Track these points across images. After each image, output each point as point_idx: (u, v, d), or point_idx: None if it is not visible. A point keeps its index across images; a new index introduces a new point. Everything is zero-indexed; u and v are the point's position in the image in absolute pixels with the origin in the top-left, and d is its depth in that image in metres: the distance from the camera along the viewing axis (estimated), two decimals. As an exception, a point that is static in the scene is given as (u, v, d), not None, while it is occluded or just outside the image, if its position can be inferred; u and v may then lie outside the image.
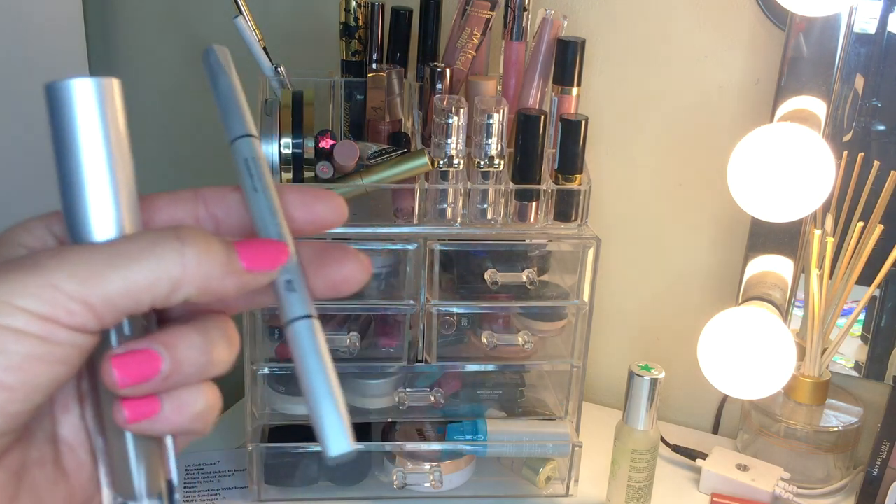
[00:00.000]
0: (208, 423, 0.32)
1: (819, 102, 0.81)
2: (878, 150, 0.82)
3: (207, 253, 0.28)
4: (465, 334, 0.82)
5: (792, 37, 0.81)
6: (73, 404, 0.31)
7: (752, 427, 0.88)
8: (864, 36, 0.80)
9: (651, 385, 0.76)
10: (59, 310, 0.26)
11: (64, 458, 0.31)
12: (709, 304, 0.92)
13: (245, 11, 0.79)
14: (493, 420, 0.82)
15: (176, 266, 0.27)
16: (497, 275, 0.77)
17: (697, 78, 0.89)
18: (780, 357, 0.79)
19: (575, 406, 0.83)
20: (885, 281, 0.82)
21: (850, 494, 0.86)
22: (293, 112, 0.75)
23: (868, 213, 0.81)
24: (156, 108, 1.21)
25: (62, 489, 0.31)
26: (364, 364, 0.80)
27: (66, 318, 0.26)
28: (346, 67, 0.84)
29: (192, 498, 0.82)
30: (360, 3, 0.82)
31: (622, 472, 0.79)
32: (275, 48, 0.82)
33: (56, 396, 0.31)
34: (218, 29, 1.11)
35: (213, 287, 0.28)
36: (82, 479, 0.32)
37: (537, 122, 0.74)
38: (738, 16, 0.86)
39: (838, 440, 0.84)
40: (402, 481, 0.81)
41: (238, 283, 0.29)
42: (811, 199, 0.74)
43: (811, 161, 0.73)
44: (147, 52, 1.18)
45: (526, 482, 0.85)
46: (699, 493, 0.85)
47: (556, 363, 0.83)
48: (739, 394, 0.83)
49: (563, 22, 0.79)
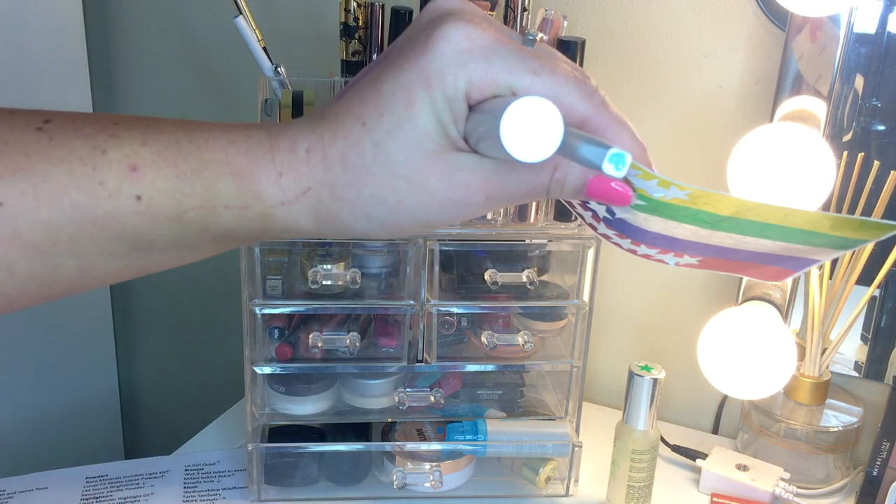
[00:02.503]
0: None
1: (819, 102, 0.81)
2: (878, 150, 0.82)
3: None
4: (465, 334, 0.82)
5: (792, 37, 0.81)
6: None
7: (752, 427, 0.88)
8: (864, 36, 0.80)
9: (651, 385, 0.76)
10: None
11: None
12: (709, 304, 0.92)
13: (245, 11, 0.79)
14: (493, 420, 0.82)
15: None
16: (497, 275, 0.77)
17: (697, 78, 0.89)
18: (780, 357, 0.79)
19: (575, 406, 0.83)
20: (885, 281, 0.82)
21: (850, 494, 0.86)
22: (293, 112, 0.75)
23: (868, 213, 0.81)
24: (155, 109, 1.21)
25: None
26: (364, 364, 0.80)
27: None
28: (346, 67, 0.84)
29: (192, 498, 0.82)
30: (360, 3, 0.82)
31: (622, 472, 0.79)
32: (275, 48, 0.82)
33: None
34: (218, 29, 1.11)
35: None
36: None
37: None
38: (738, 16, 0.86)
39: (838, 440, 0.84)
40: (402, 481, 0.81)
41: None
42: (811, 199, 0.74)
43: (811, 161, 0.73)
44: (147, 52, 1.18)
45: (526, 482, 0.85)
46: (699, 493, 0.85)
47: (556, 363, 0.83)
48: (739, 394, 0.83)
49: (563, 22, 0.79)
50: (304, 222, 0.39)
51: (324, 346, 0.77)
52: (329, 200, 0.38)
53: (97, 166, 0.37)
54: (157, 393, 1.37)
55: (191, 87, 1.16)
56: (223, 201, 0.38)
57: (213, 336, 1.27)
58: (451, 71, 0.36)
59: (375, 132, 0.37)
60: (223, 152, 0.38)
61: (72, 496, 0.82)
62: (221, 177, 0.38)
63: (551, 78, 0.37)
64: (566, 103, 0.37)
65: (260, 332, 0.78)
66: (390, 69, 0.38)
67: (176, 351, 1.33)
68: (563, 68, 0.38)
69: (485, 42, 0.37)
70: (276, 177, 0.38)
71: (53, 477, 0.84)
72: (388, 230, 0.39)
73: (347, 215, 0.39)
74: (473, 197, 0.38)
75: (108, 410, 1.32)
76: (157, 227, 0.38)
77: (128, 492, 0.82)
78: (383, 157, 0.37)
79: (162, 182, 0.37)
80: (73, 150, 0.37)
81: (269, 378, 0.80)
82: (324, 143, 0.38)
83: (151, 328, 1.34)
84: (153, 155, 0.37)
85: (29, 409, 1.19)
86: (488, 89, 0.37)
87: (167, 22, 1.15)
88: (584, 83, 0.38)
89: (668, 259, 0.45)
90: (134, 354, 1.36)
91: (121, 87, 1.21)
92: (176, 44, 1.15)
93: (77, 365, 1.25)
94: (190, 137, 0.38)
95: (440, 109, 0.37)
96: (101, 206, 0.37)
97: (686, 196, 0.38)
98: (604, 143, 0.33)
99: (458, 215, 0.39)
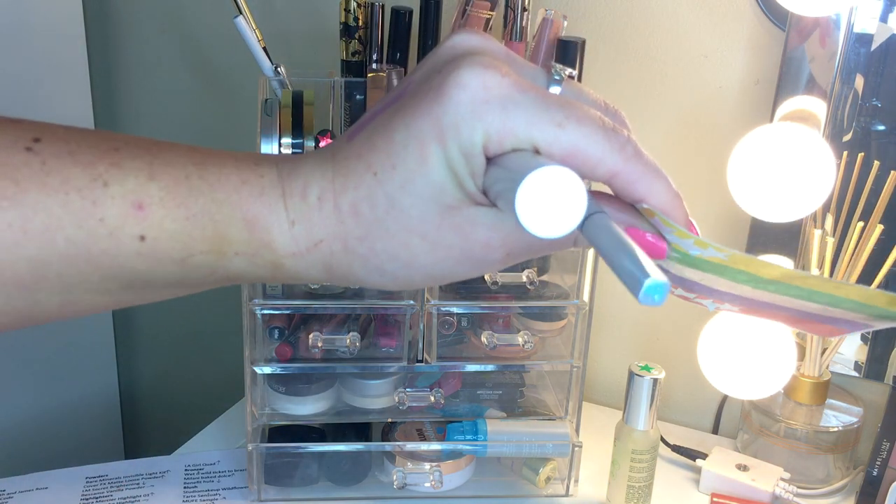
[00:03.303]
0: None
1: (819, 102, 0.81)
2: (878, 150, 0.82)
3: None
4: (465, 334, 0.82)
5: (791, 37, 0.81)
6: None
7: (752, 427, 0.88)
8: (864, 36, 0.80)
9: (651, 385, 0.76)
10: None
11: None
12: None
13: (245, 11, 0.79)
14: (493, 420, 0.82)
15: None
16: (497, 275, 0.77)
17: (697, 78, 0.89)
18: (780, 357, 0.79)
19: (575, 406, 0.83)
20: (884, 281, 0.82)
21: (850, 494, 0.86)
22: (293, 112, 0.75)
23: (868, 213, 0.81)
24: (155, 109, 1.21)
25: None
26: (364, 364, 0.80)
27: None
28: (346, 67, 0.84)
29: (192, 498, 0.82)
30: (360, 3, 0.82)
31: (622, 472, 0.79)
32: (275, 48, 0.82)
33: None
34: (218, 29, 1.11)
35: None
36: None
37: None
38: (738, 16, 0.86)
39: (838, 440, 0.84)
40: (402, 481, 0.81)
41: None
42: (811, 199, 0.74)
43: (811, 161, 0.73)
44: (147, 52, 1.18)
45: (526, 482, 0.85)
46: (699, 493, 0.85)
47: (556, 363, 0.83)
48: (739, 394, 0.83)
49: (563, 22, 0.79)
50: (314, 273, 0.38)
51: (324, 346, 0.77)
52: (341, 254, 0.37)
53: (97, 200, 0.34)
54: (157, 393, 1.37)
55: (191, 87, 1.16)
56: (234, 248, 0.36)
57: (213, 336, 1.27)
58: (466, 123, 0.34)
59: (387, 185, 0.35)
60: (236, 194, 0.36)
61: (72, 496, 0.82)
62: (233, 222, 0.36)
63: (578, 130, 0.34)
64: (594, 156, 0.34)
65: (260, 332, 0.78)
66: (402, 115, 0.35)
67: (176, 351, 1.33)
68: (591, 116, 0.34)
69: (503, 91, 0.34)
70: (288, 226, 0.36)
71: (53, 477, 0.84)
72: (401, 284, 0.38)
73: (359, 269, 0.37)
74: (493, 254, 0.36)
75: (108, 410, 1.32)
76: (158, 268, 0.36)
77: (128, 492, 0.82)
78: (397, 213, 0.35)
79: (170, 223, 0.35)
80: (69, 180, 0.34)
81: (269, 378, 0.80)
82: (335, 190, 0.36)
83: (151, 328, 1.34)
84: (161, 191, 0.35)
85: (29, 408, 1.19)
86: (507, 143, 0.34)
87: (167, 22, 1.15)
88: (615, 134, 0.35)
89: (707, 304, 0.42)
90: (134, 354, 1.36)
91: (121, 87, 1.21)
92: (176, 44, 1.15)
93: (77, 365, 1.25)
94: (200, 173, 0.36)
95: (455, 163, 0.34)
96: (99, 244, 0.34)
97: (725, 257, 0.35)
98: (642, 267, 0.29)
99: (476, 271, 0.37)
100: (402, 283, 0.38)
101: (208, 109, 1.16)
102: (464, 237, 0.36)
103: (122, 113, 1.22)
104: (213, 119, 1.16)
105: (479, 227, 0.36)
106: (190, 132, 1.19)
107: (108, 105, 1.23)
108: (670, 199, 0.36)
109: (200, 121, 1.17)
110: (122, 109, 1.23)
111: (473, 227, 0.36)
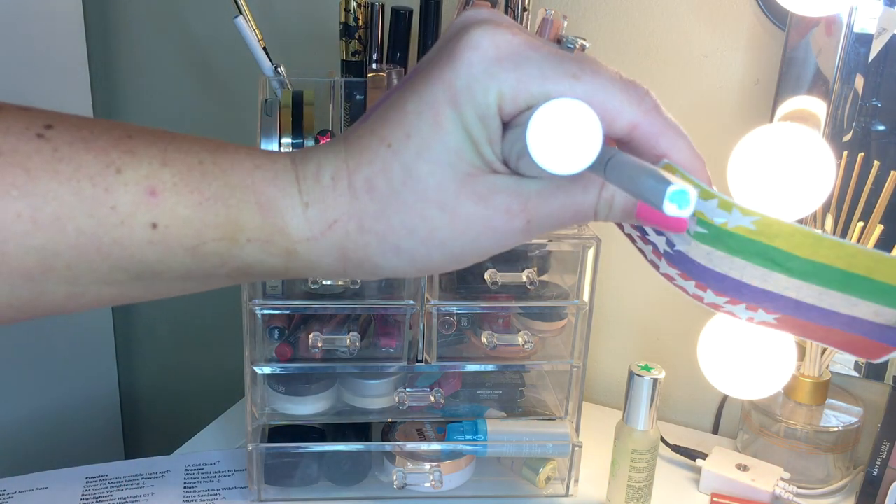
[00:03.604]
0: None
1: (819, 102, 0.81)
2: (878, 150, 0.82)
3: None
4: (465, 334, 0.82)
5: (792, 37, 0.81)
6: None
7: (752, 427, 0.88)
8: (864, 36, 0.80)
9: (651, 385, 0.76)
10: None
11: None
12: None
13: (245, 11, 0.79)
14: (493, 420, 0.82)
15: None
16: (497, 275, 0.77)
17: (697, 78, 0.89)
18: (780, 357, 0.79)
19: (575, 406, 0.83)
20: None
21: (850, 494, 0.86)
22: (293, 112, 0.75)
23: (868, 213, 0.81)
24: (155, 109, 1.21)
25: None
26: (364, 364, 0.80)
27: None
28: (346, 67, 0.84)
29: (192, 498, 0.82)
30: (360, 3, 0.82)
31: (622, 472, 0.79)
32: (275, 48, 0.82)
33: None
34: (218, 29, 1.11)
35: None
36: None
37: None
38: (738, 16, 0.86)
39: (838, 440, 0.84)
40: (402, 481, 0.81)
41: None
42: (811, 199, 0.74)
43: (811, 161, 0.73)
44: (147, 51, 1.18)
45: (526, 482, 0.85)
46: (699, 493, 0.85)
47: (556, 363, 0.83)
48: (739, 394, 0.83)
49: (563, 22, 0.79)
50: (328, 261, 0.36)
51: (324, 346, 0.77)
52: (356, 234, 0.35)
53: (110, 187, 0.33)
54: (157, 393, 1.37)
55: (191, 87, 1.16)
56: (246, 234, 0.35)
57: (213, 336, 1.27)
58: (479, 84, 0.33)
59: (403, 154, 0.34)
60: (249, 177, 0.35)
61: (72, 496, 0.82)
62: (246, 206, 0.35)
63: (594, 80, 0.33)
64: (612, 108, 0.33)
65: (260, 332, 0.78)
66: (415, 85, 0.35)
67: (176, 351, 1.33)
68: (607, 69, 0.34)
69: (515, 48, 0.33)
70: (301, 209, 0.35)
71: (53, 477, 0.84)
72: (418, 266, 0.36)
73: (375, 250, 0.36)
74: (514, 222, 0.35)
75: (108, 410, 1.32)
76: (169, 258, 0.35)
77: (128, 492, 0.82)
78: (413, 182, 0.34)
79: (183, 209, 0.34)
80: (82, 167, 0.33)
81: (269, 378, 0.80)
82: (349, 168, 0.35)
83: (152, 328, 1.34)
84: (174, 177, 0.34)
85: (29, 408, 1.19)
86: (522, 101, 0.33)
87: (167, 22, 1.15)
88: (634, 85, 0.34)
89: (739, 312, 0.39)
90: (134, 354, 1.36)
91: (121, 87, 1.21)
92: (176, 44, 1.15)
93: (77, 365, 1.25)
94: (213, 159, 0.35)
95: (472, 128, 0.33)
96: (110, 233, 0.33)
97: (752, 224, 0.33)
98: (663, 176, 0.28)
99: (496, 245, 0.36)
100: (420, 265, 0.36)
101: (208, 109, 1.16)
102: (483, 204, 0.34)
103: (122, 113, 1.22)
104: (213, 119, 1.16)
105: (498, 194, 0.35)
106: (190, 132, 1.18)
107: (108, 105, 1.23)
108: (694, 156, 0.35)
109: (200, 121, 1.17)
110: (122, 109, 1.23)
111: (493, 193, 0.34)
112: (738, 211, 0.33)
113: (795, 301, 0.36)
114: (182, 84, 1.17)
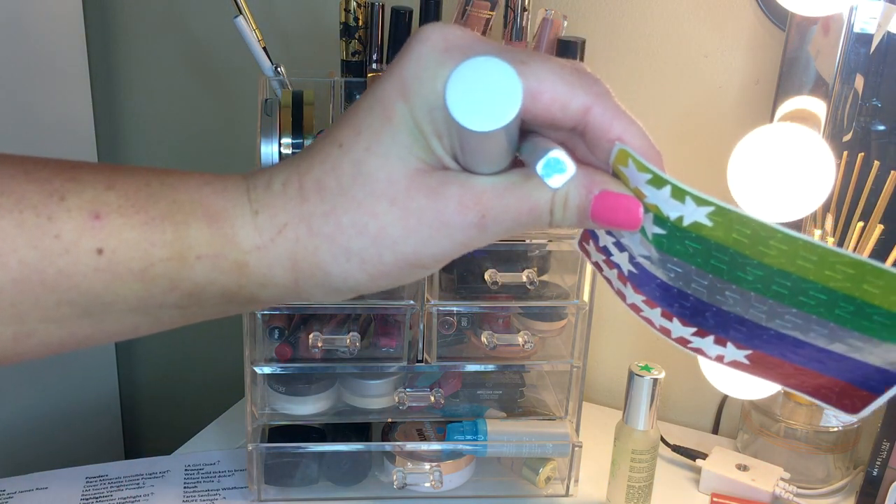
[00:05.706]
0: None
1: (819, 102, 0.81)
2: (878, 150, 0.82)
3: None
4: (465, 334, 0.82)
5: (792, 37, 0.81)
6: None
7: (752, 427, 0.88)
8: (864, 36, 0.80)
9: (651, 385, 0.76)
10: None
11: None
12: (709, 304, 0.92)
13: (245, 11, 0.79)
14: (493, 420, 0.82)
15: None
16: (497, 275, 0.77)
17: (697, 78, 0.89)
18: (780, 357, 0.79)
19: (575, 406, 0.83)
20: (885, 281, 0.82)
21: (850, 494, 0.86)
22: (293, 112, 0.75)
23: (868, 213, 0.81)
24: (155, 109, 1.21)
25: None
26: (364, 364, 0.80)
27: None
28: (346, 67, 0.84)
29: (192, 498, 0.82)
30: (360, 3, 0.82)
31: (622, 472, 0.79)
32: (275, 48, 0.82)
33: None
34: (218, 29, 1.11)
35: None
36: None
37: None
38: (738, 16, 0.86)
39: (838, 440, 0.84)
40: (402, 481, 0.81)
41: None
42: (811, 199, 0.74)
43: (811, 161, 0.73)
44: (147, 51, 1.18)
45: (526, 482, 0.85)
46: (699, 493, 0.85)
47: (556, 363, 0.83)
48: (739, 394, 0.83)
49: (563, 22, 0.79)
50: (280, 272, 0.35)
51: (324, 346, 0.77)
52: (306, 238, 0.35)
53: (53, 216, 0.32)
54: (157, 393, 1.37)
55: (191, 87, 1.16)
56: (195, 250, 0.34)
57: (213, 336, 1.27)
58: (428, 72, 0.33)
59: (353, 151, 0.34)
60: (198, 193, 0.35)
61: (72, 496, 0.82)
62: (194, 220, 0.34)
63: (543, 66, 0.33)
64: (563, 92, 0.33)
65: (260, 332, 0.78)
66: (369, 88, 0.35)
67: (176, 351, 1.33)
68: (557, 59, 0.34)
69: (464, 40, 0.33)
70: (251, 217, 0.35)
71: (53, 477, 0.84)
72: (369, 270, 0.35)
73: (325, 254, 0.35)
74: (467, 216, 0.34)
75: (108, 410, 1.32)
76: (117, 286, 0.34)
77: (128, 492, 0.82)
78: (363, 178, 0.34)
79: (129, 231, 0.33)
80: (24, 197, 0.32)
81: (269, 378, 0.80)
82: (300, 172, 0.35)
83: (151, 328, 1.34)
84: (120, 199, 0.33)
85: (29, 409, 1.19)
86: None
87: (167, 22, 1.15)
88: (584, 72, 0.34)
89: (707, 348, 0.37)
90: (134, 354, 1.36)
91: (121, 87, 1.21)
92: (176, 44, 1.15)
93: (77, 365, 1.25)
94: (161, 180, 0.35)
95: (421, 120, 0.33)
96: (55, 263, 0.32)
97: (707, 218, 0.32)
98: (550, 143, 0.29)
99: (451, 244, 0.35)
100: (371, 268, 0.35)
101: (208, 109, 1.16)
102: (435, 197, 0.34)
103: (122, 113, 1.22)
104: (213, 119, 1.16)
105: (450, 185, 0.34)
106: (190, 132, 1.19)
107: (108, 105, 1.23)
108: (647, 142, 0.35)
109: (200, 121, 1.17)
110: (122, 109, 1.23)
111: (444, 185, 0.34)
112: (691, 200, 0.32)
113: (765, 329, 0.33)
114: (182, 84, 1.17)
